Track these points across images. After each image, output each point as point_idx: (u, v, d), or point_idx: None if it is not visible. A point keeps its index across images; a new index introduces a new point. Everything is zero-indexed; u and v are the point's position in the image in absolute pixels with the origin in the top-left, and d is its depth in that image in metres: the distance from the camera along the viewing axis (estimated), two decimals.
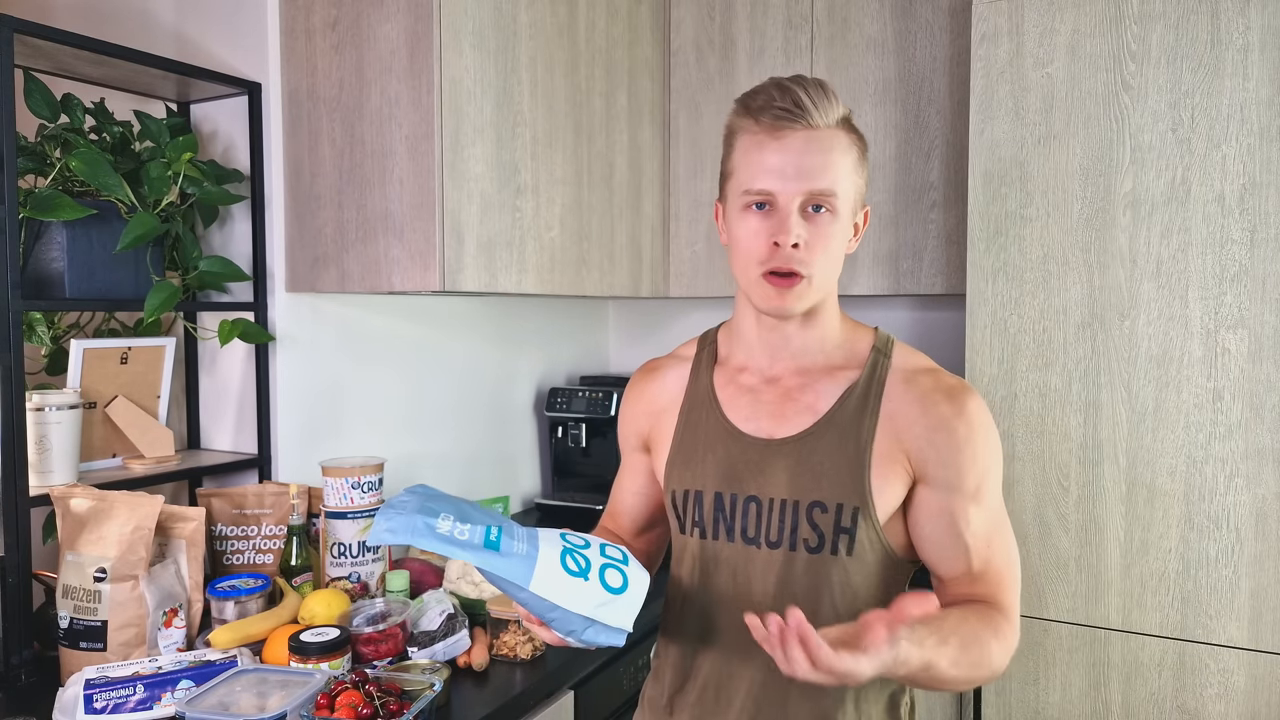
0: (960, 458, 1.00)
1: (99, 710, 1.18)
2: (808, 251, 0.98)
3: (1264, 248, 1.58)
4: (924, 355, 1.08)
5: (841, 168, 0.98)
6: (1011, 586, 1.03)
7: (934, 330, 2.43)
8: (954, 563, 1.02)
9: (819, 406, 1.03)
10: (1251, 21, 1.57)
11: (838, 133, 0.99)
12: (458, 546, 0.92)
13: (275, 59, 1.72)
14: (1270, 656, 1.59)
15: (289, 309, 1.76)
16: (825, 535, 1.01)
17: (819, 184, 0.97)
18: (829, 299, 1.06)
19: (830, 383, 1.04)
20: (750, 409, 1.07)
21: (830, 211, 0.98)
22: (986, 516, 1.02)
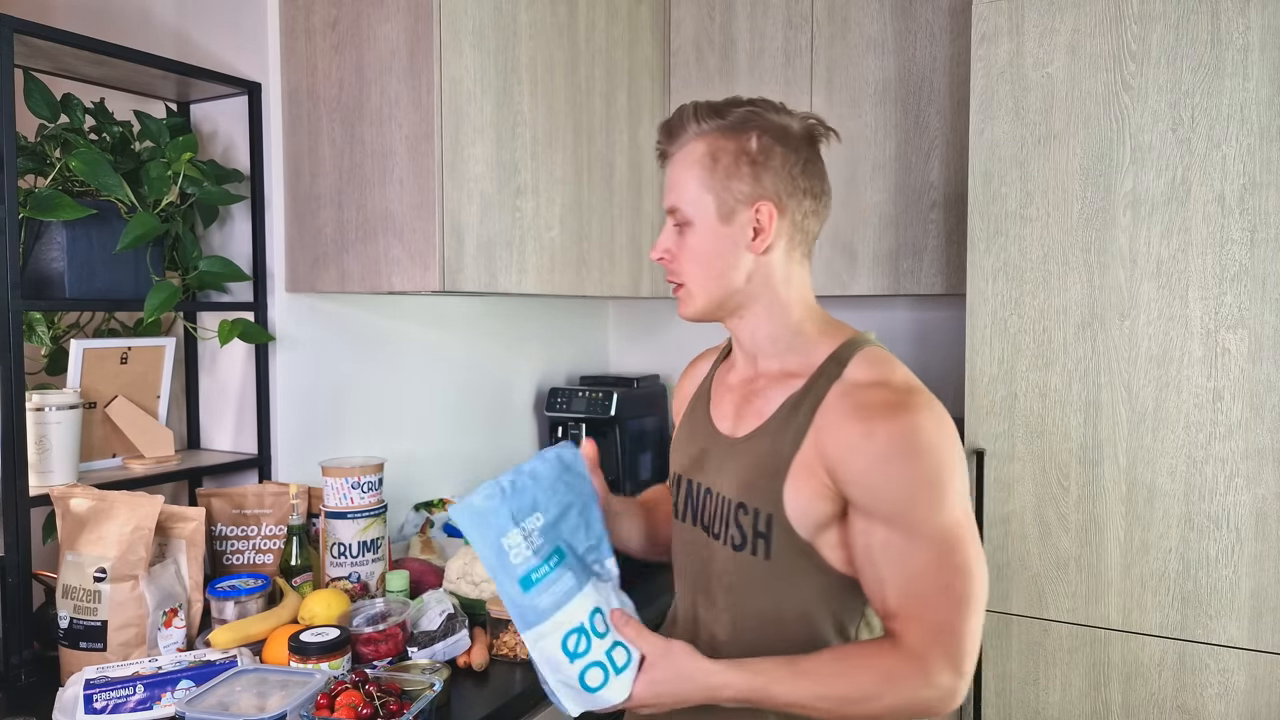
0: (876, 481, 0.94)
1: (99, 710, 1.18)
2: (676, 262, 1.06)
3: (1264, 248, 1.57)
4: (889, 367, 1.01)
5: (687, 181, 1.04)
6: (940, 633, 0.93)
7: (934, 330, 2.43)
8: (871, 592, 0.98)
9: (765, 411, 1.05)
10: (1251, 21, 1.57)
11: (693, 146, 1.04)
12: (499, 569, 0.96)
13: (275, 59, 1.72)
14: (1270, 656, 1.59)
15: (289, 309, 1.76)
16: (747, 536, 1.04)
17: (668, 201, 1.06)
18: (754, 302, 1.05)
19: (779, 389, 1.06)
20: (726, 406, 1.13)
21: (685, 223, 1.05)
22: (910, 548, 0.93)
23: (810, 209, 1.06)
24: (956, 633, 0.93)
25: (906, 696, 0.93)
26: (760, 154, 1.02)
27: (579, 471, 1.06)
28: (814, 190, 1.06)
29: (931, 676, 0.93)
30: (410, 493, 2.04)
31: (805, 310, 1.07)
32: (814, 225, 1.07)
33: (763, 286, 1.05)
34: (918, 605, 0.94)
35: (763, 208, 1.02)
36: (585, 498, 1.04)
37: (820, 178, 1.07)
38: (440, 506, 2.04)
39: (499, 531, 0.95)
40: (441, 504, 2.05)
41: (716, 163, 1.02)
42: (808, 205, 1.05)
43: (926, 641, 0.93)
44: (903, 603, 0.95)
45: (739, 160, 1.02)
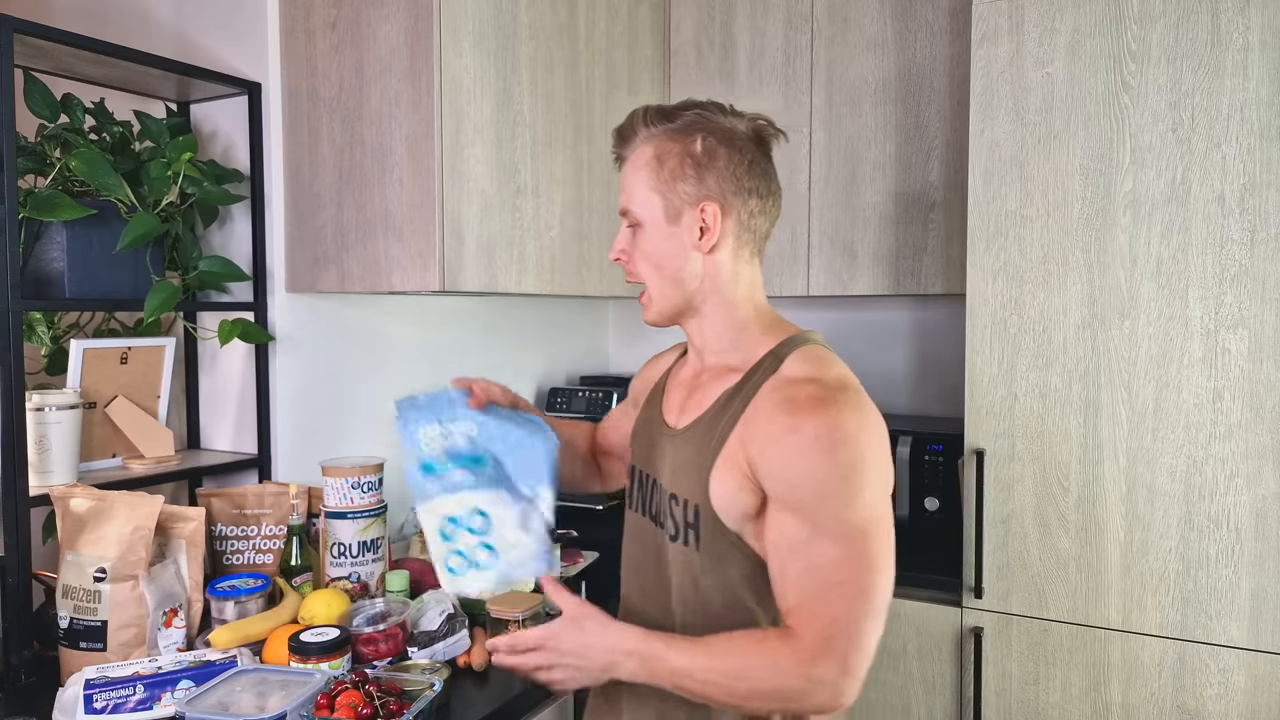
0: (793, 472, 0.95)
1: (99, 710, 1.18)
2: (633, 264, 1.11)
3: (1264, 248, 1.57)
4: (825, 364, 1.02)
5: (637, 183, 1.07)
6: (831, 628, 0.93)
7: (934, 330, 2.43)
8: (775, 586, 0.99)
9: (703, 405, 1.09)
10: (1251, 21, 1.57)
11: (642, 150, 1.08)
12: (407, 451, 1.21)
13: (275, 59, 1.72)
14: (1270, 656, 1.59)
15: (289, 309, 1.76)
16: (679, 526, 1.07)
17: (621, 203, 1.10)
18: (706, 301, 1.09)
19: (718, 385, 1.09)
20: (675, 399, 1.16)
21: (637, 224, 1.09)
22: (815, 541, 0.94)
23: (757, 208, 1.08)
24: (849, 631, 0.93)
25: (790, 686, 0.93)
26: (704, 155, 1.05)
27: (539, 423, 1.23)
28: (760, 190, 1.08)
29: (817, 671, 0.92)
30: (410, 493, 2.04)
31: (752, 308, 1.10)
32: (762, 224, 1.10)
33: (711, 286, 1.08)
34: (814, 601, 0.94)
35: (707, 207, 1.05)
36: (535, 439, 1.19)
37: (766, 177, 1.09)
38: None
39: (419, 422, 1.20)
40: None
41: (662, 165, 1.06)
42: (754, 204, 1.07)
43: (818, 636, 0.93)
44: (800, 597, 0.95)
45: (684, 162, 1.05)
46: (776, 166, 1.13)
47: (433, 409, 1.23)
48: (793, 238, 2.23)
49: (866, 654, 0.94)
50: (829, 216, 2.19)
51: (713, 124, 1.06)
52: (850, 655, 0.93)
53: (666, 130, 1.07)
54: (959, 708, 1.86)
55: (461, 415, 1.20)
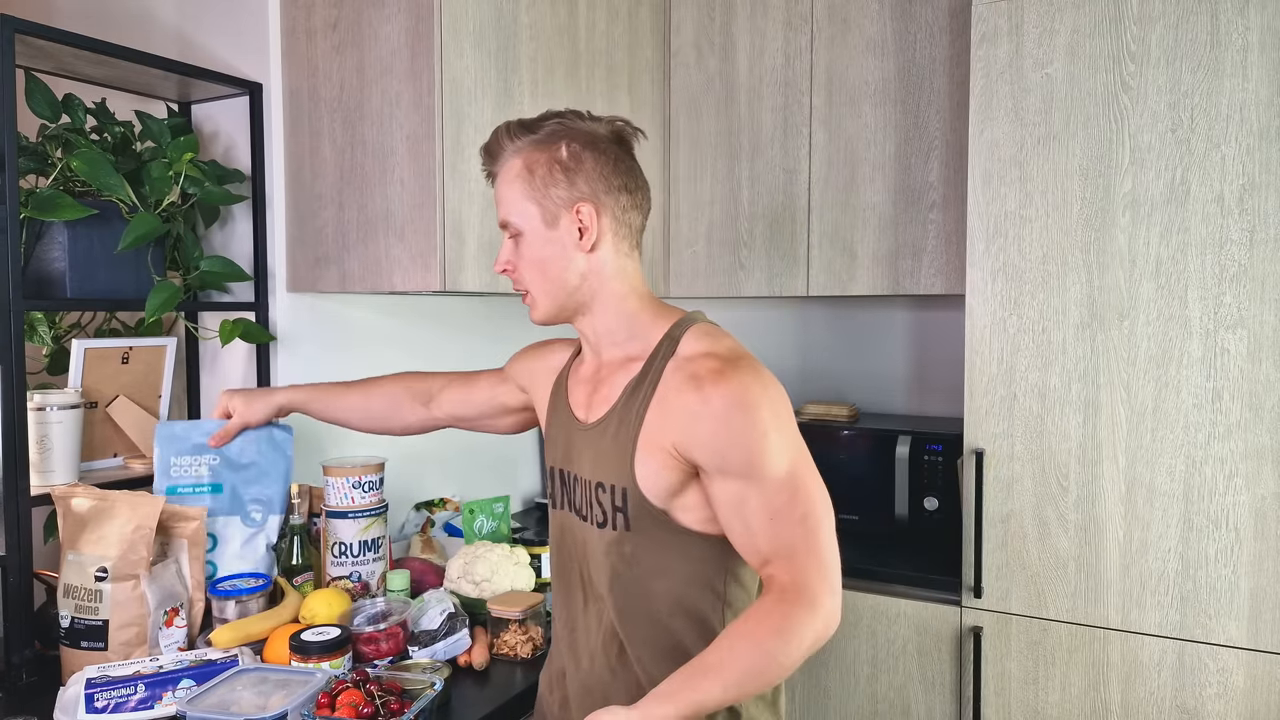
0: (721, 442, 1.02)
1: (100, 709, 1.19)
2: (517, 272, 1.15)
3: (1263, 248, 1.58)
4: (717, 339, 1.10)
5: (511, 194, 1.12)
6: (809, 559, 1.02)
7: (934, 330, 2.44)
8: (743, 547, 1.06)
9: (611, 397, 1.14)
10: (1251, 22, 1.57)
11: (512, 163, 1.12)
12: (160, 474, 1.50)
13: (276, 59, 1.72)
14: (1270, 656, 1.60)
15: (290, 309, 1.77)
16: (607, 512, 1.12)
17: (500, 216, 1.15)
18: (595, 298, 1.14)
19: (622, 374, 1.14)
20: (581, 396, 1.21)
21: (518, 234, 1.13)
22: (767, 494, 1.02)
23: (628, 203, 1.13)
24: (822, 554, 1.03)
25: (805, 636, 0.99)
26: (571, 160, 1.10)
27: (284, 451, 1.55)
28: (629, 185, 1.13)
29: (815, 602, 1.00)
30: (411, 492, 2.05)
31: (639, 299, 1.15)
32: (636, 218, 1.15)
33: (597, 283, 1.13)
34: (787, 542, 1.02)
35: (583, 208, 1.11)
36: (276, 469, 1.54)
37: (633, 174, 1.14)
38: (441, 506, 2.04)
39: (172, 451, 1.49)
40: (443, 504, 2.05)
41: (533, 174, 1.10)
42: (625, 200, 1.13)
43: (800, 571, 1.01)
44: (774, 544, 1.03)
45: (552, 169, 1.10)
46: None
47: (186, 438, 1.49)
48: (793, 238, 2.24)
49: (838, 569, 1.04)
50: (829, 216, 2.20)
51: (575, 130, 1.11)
52: (830, 574, 1.03)
53: (531, 141, 1.11)
54: (958, 707, 1.87)
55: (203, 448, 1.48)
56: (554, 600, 1.26)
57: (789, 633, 0.98)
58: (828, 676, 1.99)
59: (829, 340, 2.60)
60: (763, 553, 1.04)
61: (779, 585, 1.02)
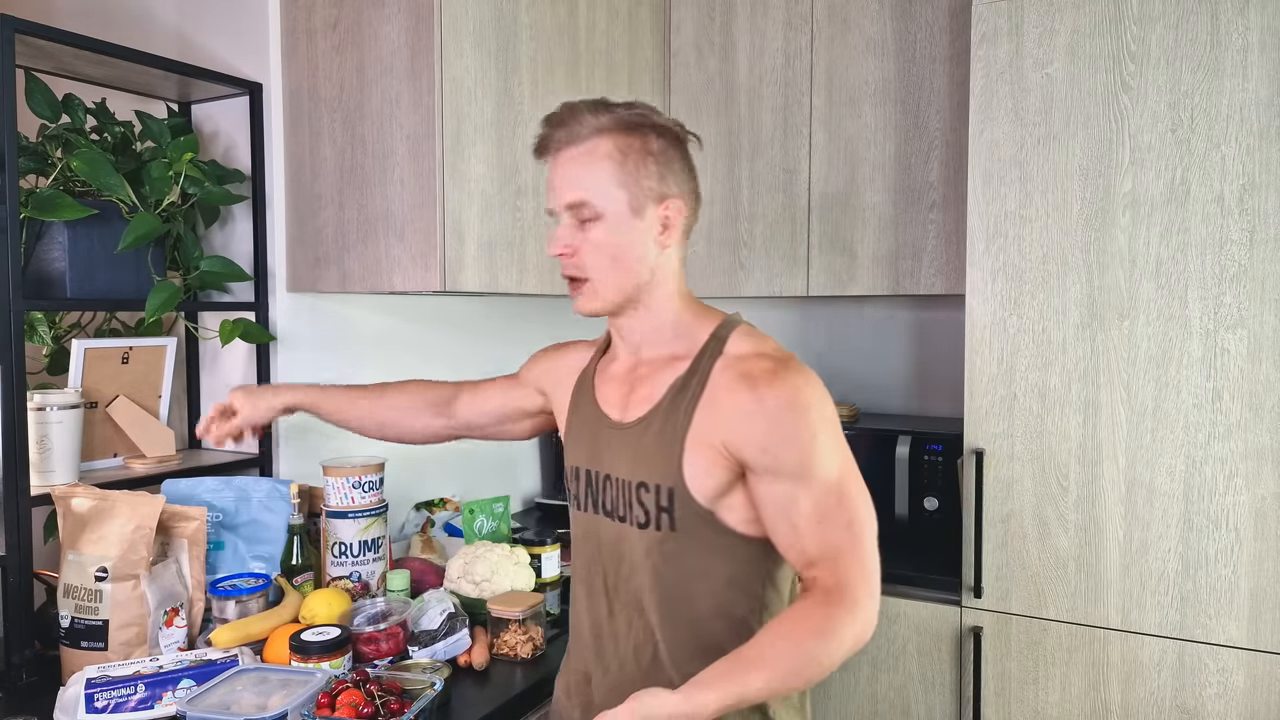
0: (773, 441, 1.02)
1: (100, 709, 1.19)
2: (580, 257, 1.09)
3: (1263, 248, 1.58)
4: (764, 340, 1.10)
5: (601, 174, 1.07)
6: (859, 564, 1.02)
7: (934, 330, 2.44)
8: (789, 547, 1.05)
9: (654, 396, 1.12)
10: (1251, 22, 1.57)
11: (599, 142, 1.07)
12: None
13: (276, 59, 1.72)
14: (1270, 656, 1.59)
15: (290, 309, 1.77)
16: (650, 513, 1.09)
17: (572, 196, 1.08)
18: (652, 294, 1.11)
19: (667, 372, 1.12)
20: (613, 395, 1.17)
21: (596, 218, 1.07)
22: (815, 496, 1.02)
23: (694, 206, 1.14)
24: (865, 559, 1.03)
25: (845, 638, 0.98)
26: (661, 153, 1.09)
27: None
28: (697, 190, 1.14)
29: (856, 605, 1.00)
30: (411, 492, 2.05)
31: (683, 299, 1.15)
32: (693, 222, 1.16)
33: (660, 280, 1.12)
34: (832, 545, 1.02)
35: (671, 204, 1.09)
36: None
37: (696, 178, 1.15)
38: (441, 506, 2.04)
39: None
40: (442, 503, 2.05)
41: (626, 158, 1.07)
42: (693, 203, 1.13)
43: (846, 575, 1.01)
44: (820, 547, 1.02)
45: (645, 158, 1.08)
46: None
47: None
48: (793, 238, 2.24)
49: (878, 576, 1.04)
50: (829, 216, 2.20)
51: (659, 123, 1.10)
52: (872, 581, 1.02)
53: (618, 122, 1.08)
54: (958, 707, 1.87)
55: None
56: (575, 604, 1.23)
57: (830, 634, 0.97)
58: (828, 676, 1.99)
59: (829, 340, 2.60)
60: (809, 555, 1.03)
61: (822, 587, 1.01)
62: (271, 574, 1.53)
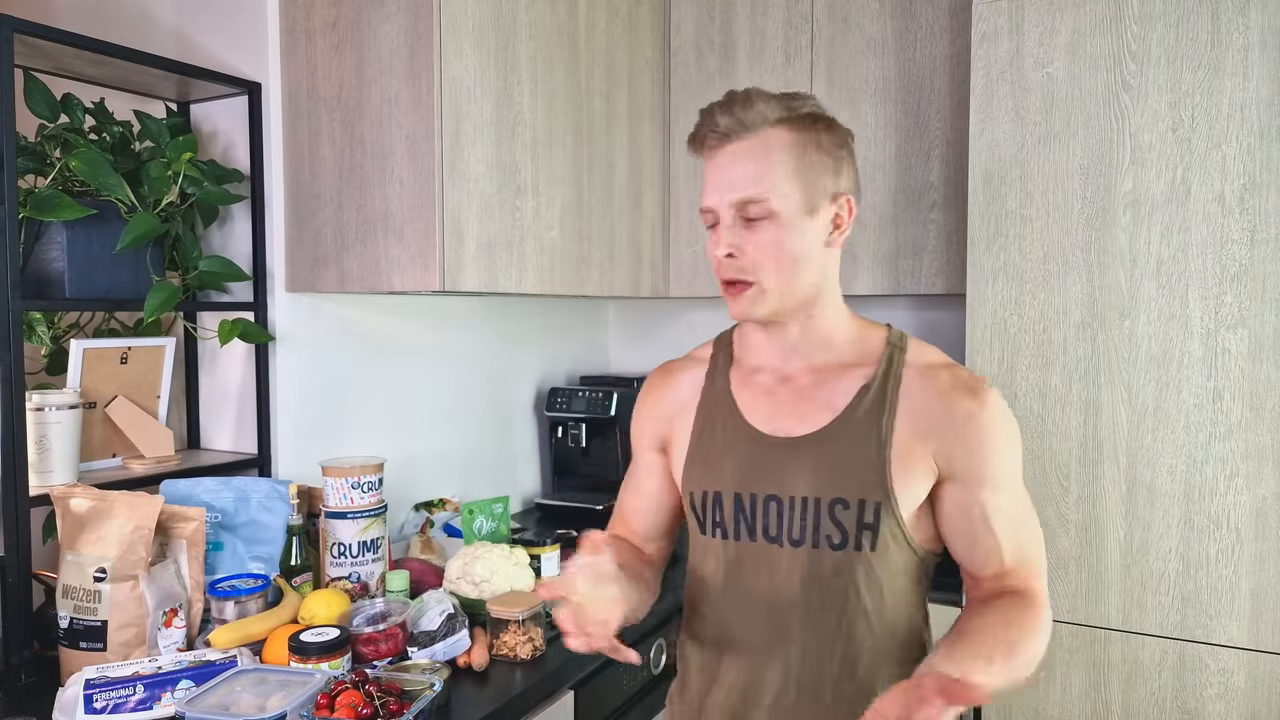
0: (985, 451, 1.02)
1: (99, 710, 1.18)
2: (747, 259, 1.00)
3: (1264, 248, 1.58)
4: (937, 350, 1.09)
5: (775, 169, 0.98)
6: (1042, 571, 1.05)
7: (934, 330, 2.43)
8: (986, 557, 1.04)
9: (836, 403, 1.04)
10: (1251, 21, 1.57)
11: (772, 134, 0.99)
12: None
13: (275, 59, 1.72)
14: (1270, 656, 1.59)
15: (289, 309, 1.76)
16: (849, 531, 1.02)
17: (743, 193, 0.99)
18: (820, 298, 1.04)
19: (845, 380, 1.05)
20: (768, 409, 1.07)
21: (768, 217, 0.99)
22: (1013, 506, 1.04)
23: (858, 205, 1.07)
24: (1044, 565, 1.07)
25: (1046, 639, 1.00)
26: (834, 148, 1.01)
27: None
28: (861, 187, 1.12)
29: (1046, 612, 1.02)
30: (410, 493, 2.04)
31: (845, 304, 1.10)
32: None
33: (827, 283, 1.05)
34: (1028, 553, 1.05)
35: (846, 202, 1.03)
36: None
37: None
38: (440, 506, 2.04)
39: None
40: (442, 504, 2.05)
41: (805, 153, 0.99)
42: (858, 202, 1.07)
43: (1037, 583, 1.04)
44: (1016, 555, 1.04)
45: (822, 153, 1.00)
46: None
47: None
48: None
49: None
50: None
51: (830, 117, 1.03)
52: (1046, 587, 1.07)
53: (796, 115, 1.00)
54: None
55: None
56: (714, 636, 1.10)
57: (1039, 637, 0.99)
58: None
59: None
60: (1005, 563, 1.03)
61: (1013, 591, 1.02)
62: (270, 575, 1.53)
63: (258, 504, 1.59)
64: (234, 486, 1.58)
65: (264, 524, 1.58)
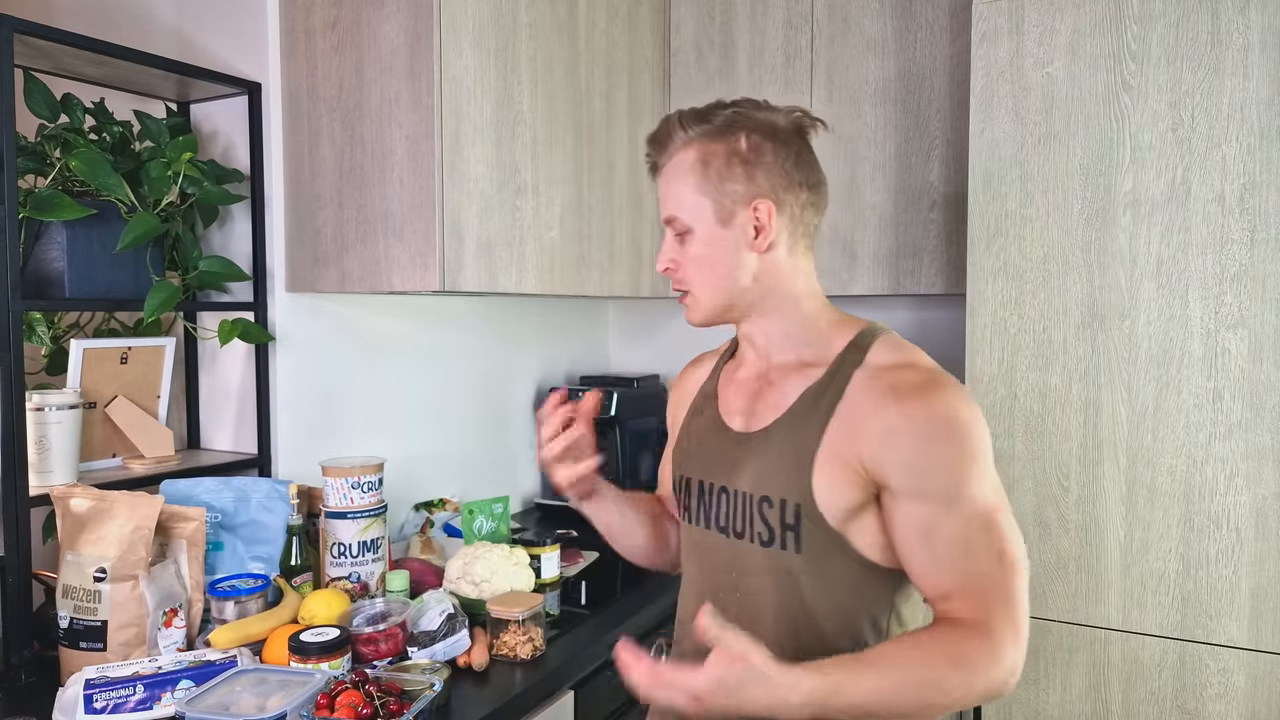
0: (923, 461, 0.94)
1: (99, 710, 1.18)
2: (681, 271, 1.06)
3: (1264, 248, 1.58)
4: (912, 351, 1.02)
5: (685, 188, 1.04)
6: (999, 601, 0.92)
7: (934, 330, 2.43)
8: (925, 578, 0.96)
9: (783, 403, 1.05)
10: (1251, 21, 1.57)
11: (682, 156, 1.04)
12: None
13: (275, 59, 1.72)
14: (1270, 656, 1.59)
15: (289, 309, 1.76)
16: (774, 530, 1.02)
17: (665, 212, 1.07)
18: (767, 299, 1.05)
19: (798, 379, 1.05)
20: (739, 404, 1.11)
21: (688, 232, 1.04)
22: (964, 524, 0.93)
23: (807, 200, 1.05)
24: (1013, 599, 0.93)
25: (979, 676, 0.90)
26: (750, 152, 1.02)
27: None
28: (809, 181, 1.06)
29: (999, 649, 0.91)
30: (410, 493, 2.04)
31: (816, 302, 1.07)
32: (813, 216, 1.07)
33: (771, 284, 1.05)
34: (976, 579, 0.93)
35: (760, 205, 1.02)
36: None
37: (813, 168, 1.07)
38: (440, 506, 2.04)
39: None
40: (442, 504, 2.05)
41: (708, 167, 1.02)
42: (804, 197, 1.05)
43: (989, 614, 0.92)
44: (961, 580, 0.94)
45: (730, 161, 1.02)
46: None
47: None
48: None
49: (1027, 621, 0.94)
50: (829, 216, 2.19)
51: (753, 120, 1.03)
52: (1020, 625, 0.93)
53: (706, 131, 1.03)
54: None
55: None
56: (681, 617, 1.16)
57: (963, 668, 0.89)
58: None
59: None
60: (944, 587, 0.94)
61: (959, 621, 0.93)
62: (270, 574, 1.53)
63: (258, 504, 1.59)
64: (234, 486, 1.58)
65: (264, 524, 1.58)
